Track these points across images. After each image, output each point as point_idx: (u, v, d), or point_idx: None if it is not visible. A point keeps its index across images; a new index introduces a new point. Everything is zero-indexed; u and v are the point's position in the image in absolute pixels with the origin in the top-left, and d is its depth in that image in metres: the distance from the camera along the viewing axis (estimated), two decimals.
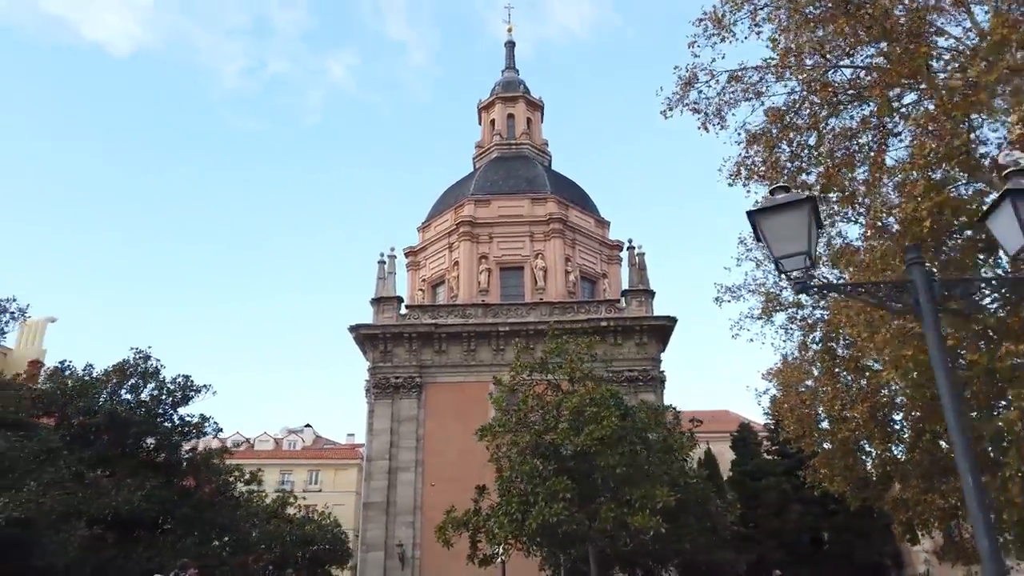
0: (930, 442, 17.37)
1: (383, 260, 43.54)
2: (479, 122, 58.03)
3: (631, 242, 44.32)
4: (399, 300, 42.75)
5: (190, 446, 31.18)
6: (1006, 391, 13.78)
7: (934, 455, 17.53)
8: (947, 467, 16.79)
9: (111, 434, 27.99)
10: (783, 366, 23.06)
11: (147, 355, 29.54)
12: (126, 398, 28.83)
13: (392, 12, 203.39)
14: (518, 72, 59.05)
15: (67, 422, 27.94)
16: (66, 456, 24.93)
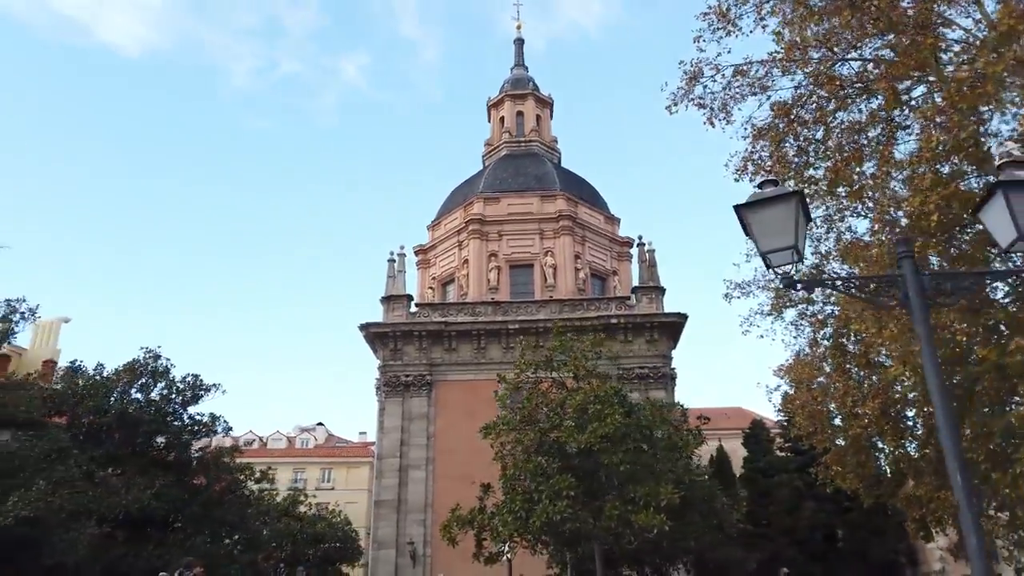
0: None
1: (393, 258, 43.58)
2: (488, 119, 58.01)
3: (641, 239, 44.08)
4: (409, 298, 42.75)
5: (201, 445, 31.26)
6: (1017, 387, 13.60)
7: None
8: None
9: (121, 433, 28.10)
10: (794, 362, 22.80)
11: (157, 354, 29.62)
12: (136, 397, 28.90)
13: (403, 10, 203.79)
14: (527, 69, 58.96)
15: (78, 421, 28.04)
16: (76, 455, 24.97)
